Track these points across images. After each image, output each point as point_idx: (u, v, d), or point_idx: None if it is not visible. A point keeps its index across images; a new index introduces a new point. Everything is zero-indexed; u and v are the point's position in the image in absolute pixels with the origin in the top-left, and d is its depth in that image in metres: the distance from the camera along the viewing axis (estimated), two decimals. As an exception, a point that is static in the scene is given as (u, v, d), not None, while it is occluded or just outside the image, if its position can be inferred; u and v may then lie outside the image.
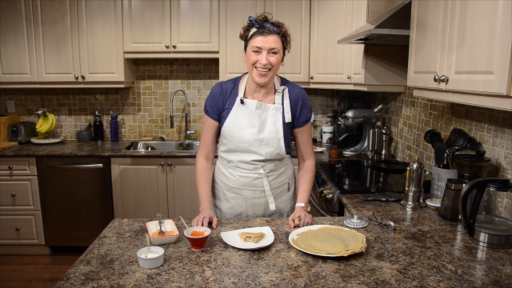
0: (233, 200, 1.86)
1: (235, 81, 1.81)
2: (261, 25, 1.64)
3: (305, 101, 1.79)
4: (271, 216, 1.89)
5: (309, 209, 1.77)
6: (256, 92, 1.75)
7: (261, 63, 1.63)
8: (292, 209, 1.93)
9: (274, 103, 1.76)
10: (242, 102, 1.73)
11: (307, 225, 1.64)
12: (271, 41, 1.63)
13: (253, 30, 1.65)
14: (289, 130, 1.80)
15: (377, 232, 1.59)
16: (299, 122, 1.79)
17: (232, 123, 1.74)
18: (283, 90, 1.77)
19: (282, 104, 1.76)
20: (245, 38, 1.69)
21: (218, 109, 1.78)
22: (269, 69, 1.65)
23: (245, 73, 1.81)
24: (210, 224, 1.63)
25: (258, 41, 1.63)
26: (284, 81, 1.81)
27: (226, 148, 1.81)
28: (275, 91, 1.77)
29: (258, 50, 1.64)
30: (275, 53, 1.64)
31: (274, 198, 1.85)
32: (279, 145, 1.76)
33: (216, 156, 1.91)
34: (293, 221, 1.64)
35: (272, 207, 1.83)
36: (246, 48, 1.71)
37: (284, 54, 1.71)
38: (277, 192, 1.86)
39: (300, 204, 1.76)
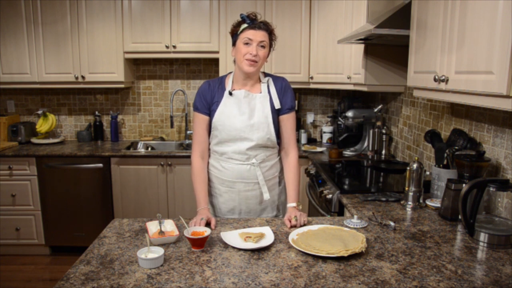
0: (226, 195, 1.90)
1: (221, 79, 1.91)
2: (252, 21, 1.77)
3: (290, 89, 1.91)
4: (265, 209, 1.93)
5: (300, 207, 1.81)
6: (243, 85, 1.86)
7: (252, 54, 1.74)
8: (284, 201, 1.99)
9: (261, 92, 1.86)
10: (230, 94, 1.83)
11: (304, 224, 1.65)
12: (261, 35, 1.75)
13: (244, 25, 1.77)
14: (277, 118, 1.88)
15: (377, 232, 1.59)
16: (284, 108, 1.87)
17: (223, 113, 1.82)
18: (268, 80, 1.88)
19: (269, 92, 1.86)
20: (235, 33, 1.80)
21: (208, 103, 1.86)
22: (257, 61, 1.76)
23: (230, 73, 1.92)
24: (208, 225, 1.64)
25: (250, 33, 1.74)
26: (266, 74, 1.93)
27: (218, 139, 1.86)
28: (260, 82, 1.88)
29: (248, 42, 1.74)
30: (263, 46, 1.76)
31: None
32: (269, 129, 1.84)
33: None
34: (290, 221, 1.66)
35: (266, 196, 1.88)
36: (235, 42, 1.80)
37: (269, 51, 1.83)
38: (269, 184, 1.91)
39: (291, 204, 1.80)
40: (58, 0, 3.40)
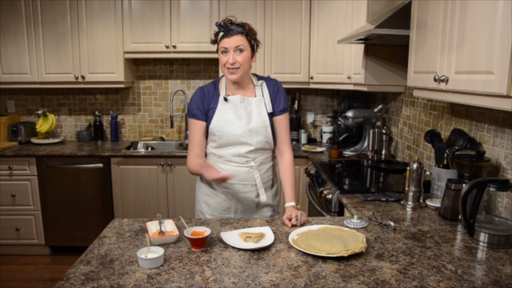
0: (222, 195, 1.91)
1: (215, 83, 1.90)
2: (226, 28, 1.75)
3: (282, 90, 1.91)
4: (260, 209, 1.94)
5: (299, 206, 1.80)
6: (236, 90, 1.85)
7: (229, 63, 1.74)
8: (278, 203, 2.02)
9: (255, 96, 1.86)
10: (226, 99, 1.83)
11: (304, 223, 1.65)
12: (235, 40, 1.73)
13: (220, 34, 1.76)
14: (272, 119, 1.89)
15: (377, 232, 1.59)
16: (277, 110, 1.88)
17: (220, 120, 1.82)
18: (261, 84, 1.88)
19: (263, 96, 1.87)
20: (216, 42, 1.80)
21: (205, 110, 1.85)
22: (238, 68, 1.75)
23: (222, 76, 1.91)
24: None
25: (225, 42, 1.74)
26: (260, 77, 1.93)
27: (217, 144, 1.86)
28: (254, 86, 1.88)
29: (225, 51, 1.74)
30: (241, 50, 1.74)
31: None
32: (267, 132, 1.85)
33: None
34: (290, 220, 1.66)
35: (263, 198, 1.89)
36: (217, 51, 1.80)
37: (253, 51, 1.81)
38: (264, 187, 1.92)
39: (290, 203, 1.80)
40: (58, 0, 3.40)
